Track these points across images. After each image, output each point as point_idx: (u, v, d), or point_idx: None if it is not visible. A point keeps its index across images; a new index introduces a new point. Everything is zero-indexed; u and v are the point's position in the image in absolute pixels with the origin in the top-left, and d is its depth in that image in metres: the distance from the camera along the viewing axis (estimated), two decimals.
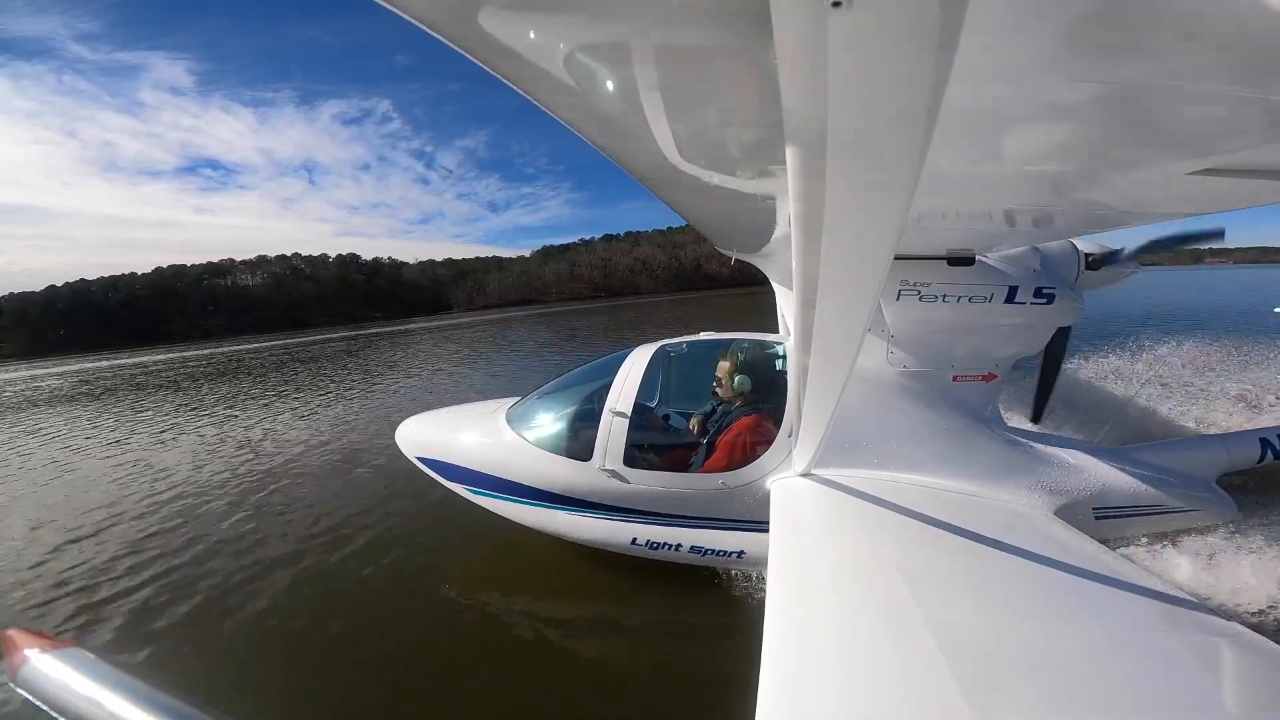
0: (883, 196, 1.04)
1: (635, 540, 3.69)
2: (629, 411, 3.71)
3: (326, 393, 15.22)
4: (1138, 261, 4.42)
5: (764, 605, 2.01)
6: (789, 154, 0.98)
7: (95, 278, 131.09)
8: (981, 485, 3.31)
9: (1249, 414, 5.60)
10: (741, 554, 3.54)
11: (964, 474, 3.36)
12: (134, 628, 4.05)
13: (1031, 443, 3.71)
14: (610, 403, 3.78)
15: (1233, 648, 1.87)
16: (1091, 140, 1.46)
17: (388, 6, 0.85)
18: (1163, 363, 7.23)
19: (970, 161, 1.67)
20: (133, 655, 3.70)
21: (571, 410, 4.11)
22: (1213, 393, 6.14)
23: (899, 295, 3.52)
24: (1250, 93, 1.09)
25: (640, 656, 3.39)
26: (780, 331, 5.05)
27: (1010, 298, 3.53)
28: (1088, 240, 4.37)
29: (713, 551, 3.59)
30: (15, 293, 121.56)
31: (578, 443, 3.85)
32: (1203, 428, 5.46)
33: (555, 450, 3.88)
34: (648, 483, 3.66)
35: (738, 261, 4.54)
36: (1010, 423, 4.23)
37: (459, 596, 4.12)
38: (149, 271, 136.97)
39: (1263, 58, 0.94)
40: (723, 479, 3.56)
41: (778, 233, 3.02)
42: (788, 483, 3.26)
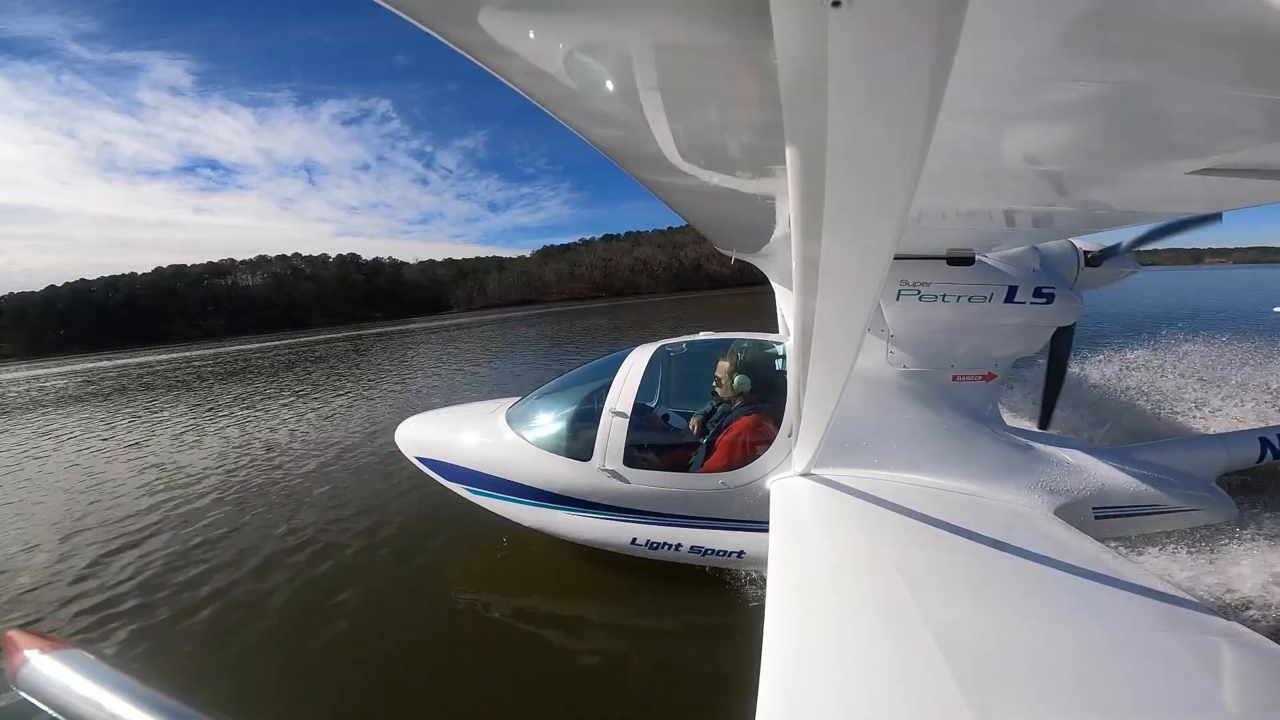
0: (883, 196, 1.04)
1: (635, 540, 3.69)
2: (629, 411, 3.71)
3: (346, 392, 15.00)
4: (1137, 261, 4.41)
5: (764, 605, 2.01)
6: (789, 154, 0.98)
7: (95, 278, 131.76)
8: (981, 485, 3.31)
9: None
10: (741, 554, 3.54)
11: (964, 474, 3.36)
12: (203, 656, 3.65)
13: (1031, 442, 3.71)
14: (610, 403, 3.78)
15: (1233, 648, 1.87)
16: (1091, 140, 1.46)
17: (387, 6, 0.85)
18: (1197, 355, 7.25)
19: (970, 161, 1.67)
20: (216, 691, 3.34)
21: (571, 410, 4.12)
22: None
23: (899, 295, 3.52)
24: (1250, 92, 1.08)
25: (640, 656, 3.39)
26: (780, 331, 5.04)
27: (1010, 297, 3.54)
28: (1086, 238, 4.37)
29: (713, 551, 3.59)
30: (15, 293, 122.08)
31: (577, 443, 3.85)
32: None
33: (555, 450, 3.89)
34: (648, 483, 3.66)
35: (738, 261, 4.55)
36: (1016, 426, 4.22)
37: (459, 596, 4.12)
38: (149, 271, 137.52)
39: (1263, 58, 0.94)
40: (722, 479, 3.56)
41: (778, 233, 3.02)
42: (787, 482, 3.26)
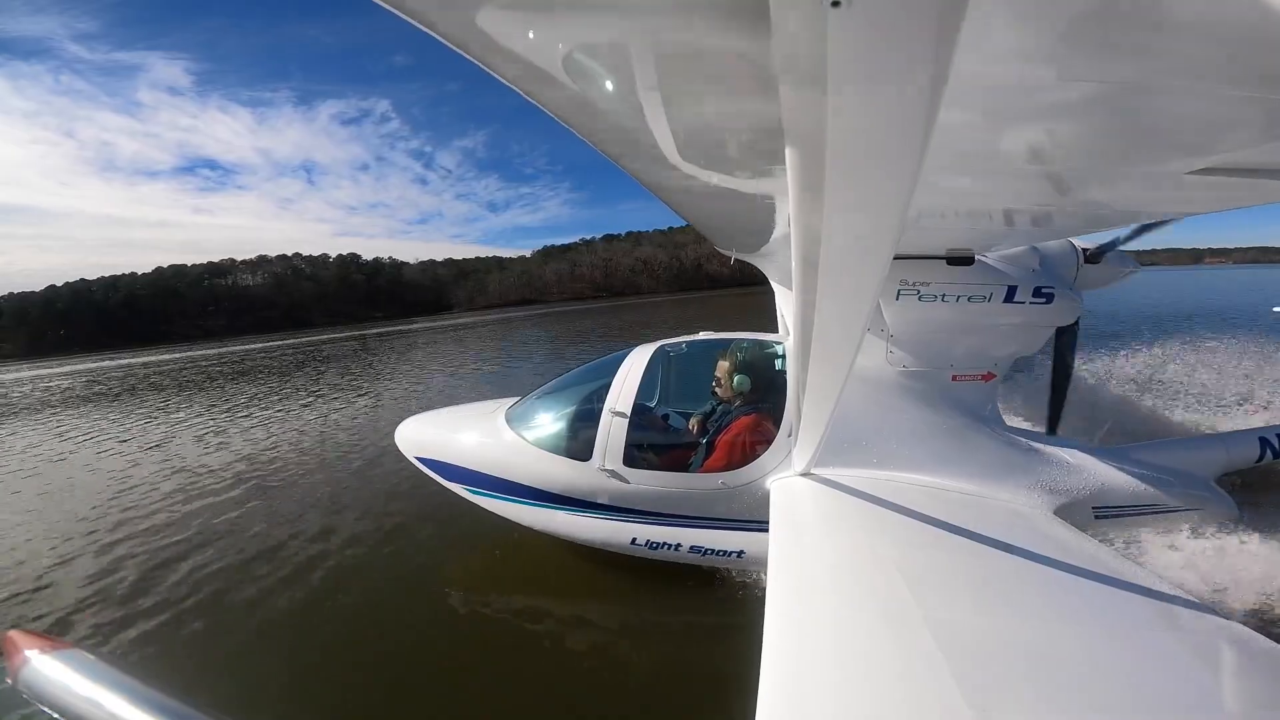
0: (882, 196, 1.04)
1: (635, 540, 3.69)
2: (628, 411, 3.71)
3: (365, 393, 14.88)
4: (1136, 260, 4.41)
5: (764, 605, 2.01)
6: (788, 154, 0.98)
7: (95, 278, 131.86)
8: (981, 485, 3.31)
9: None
10: (741, 554, 3.54)
11: (964, 473, 3.36)
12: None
13: (1031, 442, 3.71)
14: (610, 403, 3.78)
15: (1232, 647, 1.87)
16: (1091, 139, 1.46)
17: (387, 6, 0.84)
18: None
19: (970, 161, 1.67)
20: None
21: (571, 410, 4.12)
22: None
23: (898, 295, 3.52)
24: (1250, 92, 1.08)
25: (640, 656, 3.39)
26: (780, 331, 5.04)
27: (1009, 297, 3.54)
28: (1085, 238, 4.37)
29: (713, 551, 3.59)
30: (15, 293, 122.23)
31: (577, 443, 3.85)
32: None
33: (555, 450, 3.89)
34: (647, 483, 3.66)
35: (738, 261, 4.55)
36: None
37: (459, 596, 4.12)
38: (149, 271, 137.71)
39: (1263, 58, 0.94)
40: (722, 479, 3.56)
41: (777, 233, 3.02)
42: (787, 482, 3.25)
